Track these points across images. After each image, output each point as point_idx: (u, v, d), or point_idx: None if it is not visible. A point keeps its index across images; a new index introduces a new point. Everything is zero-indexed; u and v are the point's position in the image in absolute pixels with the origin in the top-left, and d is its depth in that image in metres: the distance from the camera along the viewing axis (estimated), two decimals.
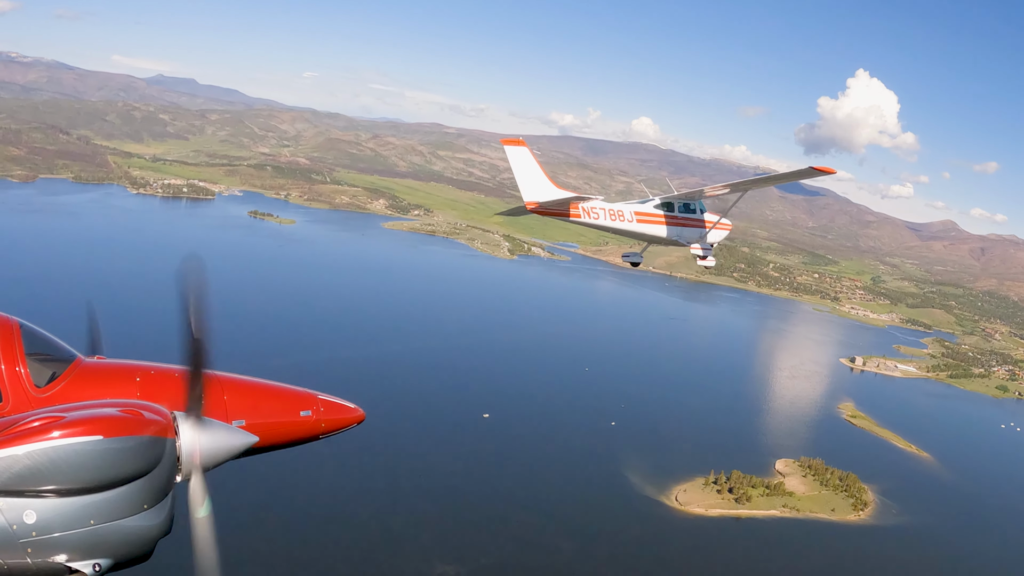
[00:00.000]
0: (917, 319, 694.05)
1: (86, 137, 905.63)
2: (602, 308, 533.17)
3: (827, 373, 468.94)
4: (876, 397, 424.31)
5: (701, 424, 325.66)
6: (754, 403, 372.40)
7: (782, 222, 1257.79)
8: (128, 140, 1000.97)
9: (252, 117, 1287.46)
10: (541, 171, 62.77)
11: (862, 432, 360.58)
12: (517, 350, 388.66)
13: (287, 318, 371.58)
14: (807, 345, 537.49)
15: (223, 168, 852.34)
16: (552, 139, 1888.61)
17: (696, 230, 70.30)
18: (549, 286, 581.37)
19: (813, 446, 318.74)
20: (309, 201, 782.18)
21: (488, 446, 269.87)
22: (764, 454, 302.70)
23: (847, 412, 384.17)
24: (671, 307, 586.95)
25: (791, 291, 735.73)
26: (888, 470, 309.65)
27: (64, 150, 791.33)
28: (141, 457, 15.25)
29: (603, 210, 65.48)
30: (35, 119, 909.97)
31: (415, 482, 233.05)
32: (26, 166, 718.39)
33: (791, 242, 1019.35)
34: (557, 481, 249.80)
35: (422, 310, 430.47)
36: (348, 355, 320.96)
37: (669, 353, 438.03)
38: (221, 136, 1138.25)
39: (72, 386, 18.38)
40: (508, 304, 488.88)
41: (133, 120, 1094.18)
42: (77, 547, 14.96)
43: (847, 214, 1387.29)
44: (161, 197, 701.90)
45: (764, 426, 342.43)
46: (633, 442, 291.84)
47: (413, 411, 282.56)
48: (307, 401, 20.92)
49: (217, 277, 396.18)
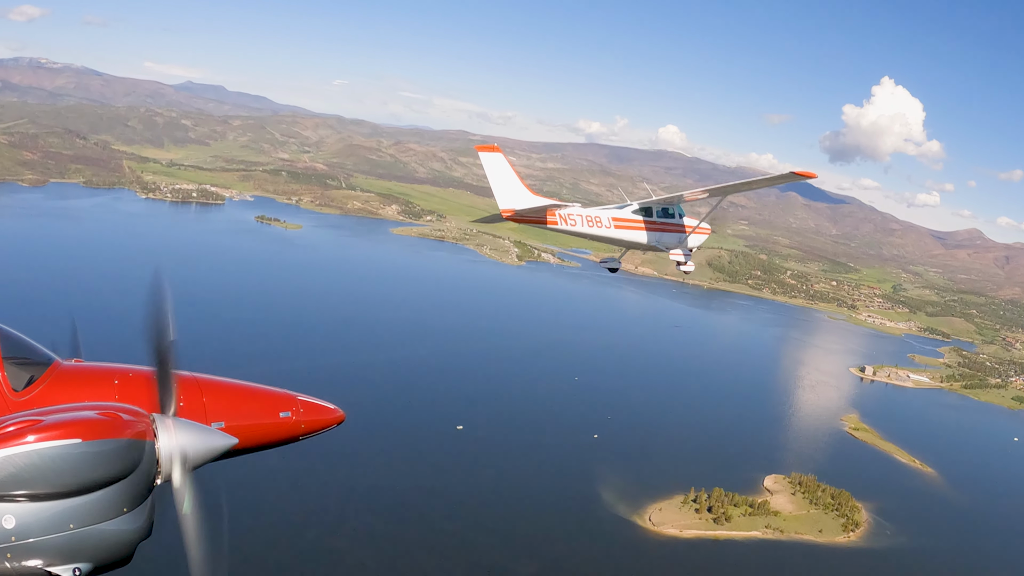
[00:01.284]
0: (936, 328, 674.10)
1: (106, 142, 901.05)
2: (605, 315, 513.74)
3: (834, 383, 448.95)
4: (883, 408, 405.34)
5: (690, 437, 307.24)
6: (750, 415, 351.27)
7: (805, 230, 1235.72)
8: (148, 145, 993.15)
9: (275, 123, 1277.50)
10: (517, 178, 60.91)
11: (863, 446, 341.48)
12: (506, 358, 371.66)
13: (273, 324, 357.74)
14: (816, 354, 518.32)
15: (238, 173, 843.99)
16: (577, 146, 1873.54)
17: (675, 235, 68.52)
18: (553, 292, 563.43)
19: (808, 461, 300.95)
20: (320, 206, 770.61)
21: (458, 460, 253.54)
22: (753, 470, 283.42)
23: (850, 424, 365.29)
24: (679, 315, 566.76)
25: (807, 299, 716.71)
26: (886, 487, 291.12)
27: (80, 154, 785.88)
28: (120, 460, 15.19)
29: (580, 216, 63.16)
30: (57, 124, 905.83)
31: (369, 498, 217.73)
32: (38, 170, 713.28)
33: (813, 250, 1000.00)
34: (524, 499, 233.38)
35: (411, 316, 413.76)
36: (327, 362, 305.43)
37: (668, 362, 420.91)
38: (242, 142, 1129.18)
39: (50, 389, 18.30)
40: (506, 310, 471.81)
41: (155, 125, 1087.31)
42: (56, 552, 14.87)
43: (871, 222, 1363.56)
44: (170, 202, 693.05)
45: (757, 439, 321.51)
46: (614, 457, 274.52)
47: (384, 421, 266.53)
48: (286, 402, 20.72)
49: (206, 280, 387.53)
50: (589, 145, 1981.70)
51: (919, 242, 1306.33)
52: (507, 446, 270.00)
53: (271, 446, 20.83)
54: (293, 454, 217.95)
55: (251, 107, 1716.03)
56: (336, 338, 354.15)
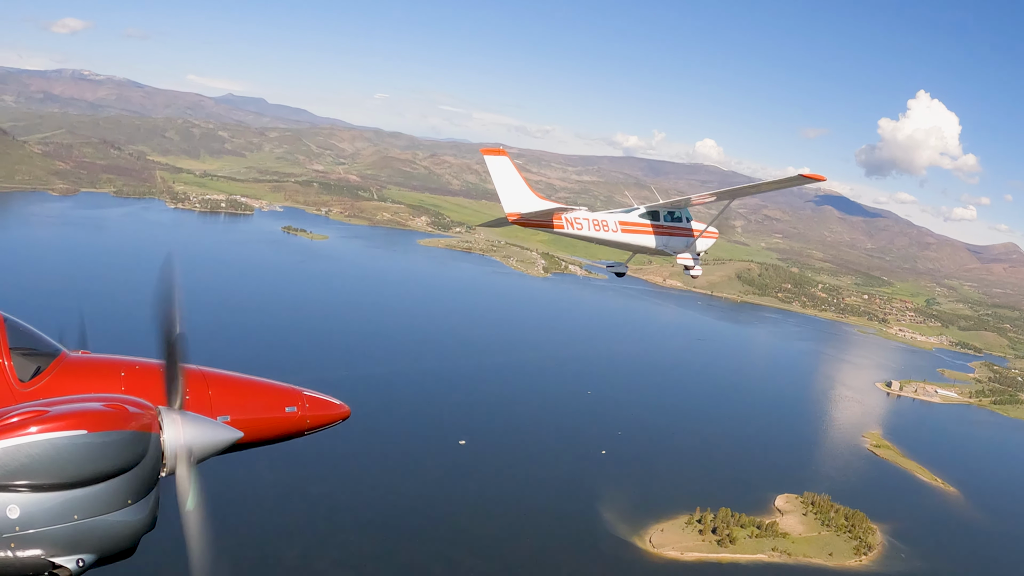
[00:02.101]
0: (968, 342, 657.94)
1: (142, 153, 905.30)
2: (627, 328, 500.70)
3: (858, 398, 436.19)
4: (908, 425, 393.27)
5: (702, 454, 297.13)
6: (767, 431, 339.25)
7: (840, 243, 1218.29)
8: (184, 156, 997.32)
9: (311, 135, 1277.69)
10: (523, 181, 59.56)
11: (884, 464, 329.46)
12: (519, 370, 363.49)
13: (281, 333, 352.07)
14: (842, 368, 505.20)
15: (270, 184, 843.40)
16: (614, 159, 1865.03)
17: (683, 239, 67.20)
18: (576, 305, 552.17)
19: (823, 479, 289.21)
20: (350, 217, 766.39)
21: (456, 476, 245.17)
22: (765, 488, 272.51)
23: (871, 441, 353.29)
24: (704, 328, 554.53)
25: (837, 312, 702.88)
26: (904, 507, 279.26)
27: (113, 165, 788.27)
28: (125, 452, 15.10)
29: (587, 220, 62.12)
30: (94, 135, 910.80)
31: (356, 515, 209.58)
32: (69, 180, 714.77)
33: (846, 263, 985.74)
34: (521, 518, 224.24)
35: (425, 327, 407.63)
36: (333, 375, 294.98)
37: (687, 376, 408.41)
38: (278, 153, 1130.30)
39: (56, 380, 18.27)
40: (524, 322, 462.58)
41: (192, 137, 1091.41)
42: (60, 542, 14.75)
43: (907, 236, 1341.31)
44: (199, 212, 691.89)
45: (772, 457, 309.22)
46: (620, 473, 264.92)
47: (384, 434, 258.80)
48: (292, 397, 20.71)
49: (218, 288, 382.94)
50: (626, 158, 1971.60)
51: (954, 256, 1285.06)
52: (510, 462, 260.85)
53: (276, 440, 20.61)
54: (280, 463, 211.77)
55: (290, 119, 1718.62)
56: (346, 349, 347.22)
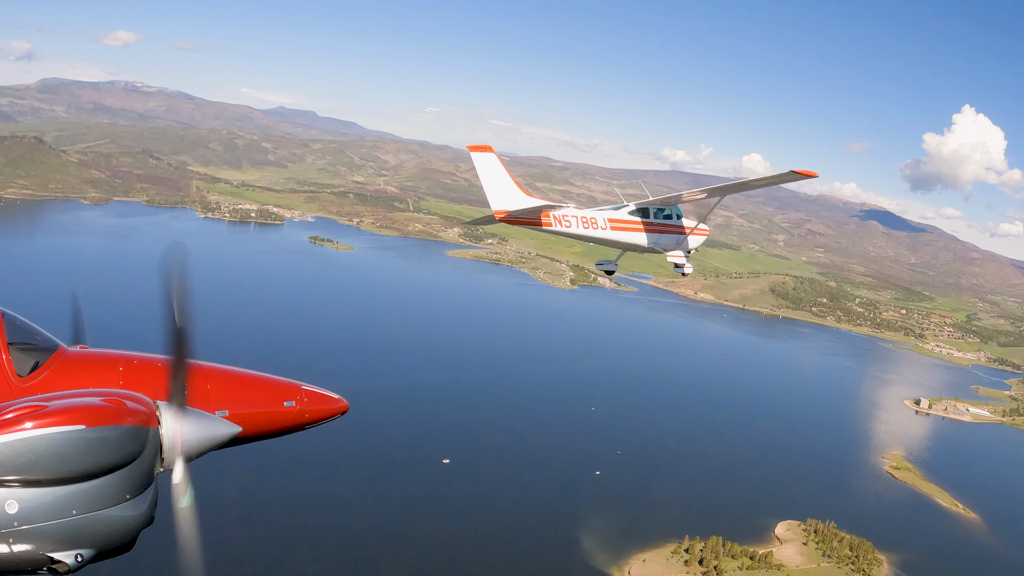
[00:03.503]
0: (1006, 358, 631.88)
1: (183, 163, 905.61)
2: (650, 342, 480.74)
3: (883, 416, 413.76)
4: (932, 445, 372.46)
5: (705, 476, 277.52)
6: (779, 451, 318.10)
7: (883, 258, 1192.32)
8: (226, 167, 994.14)
9: (355, 147, 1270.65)
10: (510, 178, 57.65)
11: (901, 487, 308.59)
12: (525, 385, 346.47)
13: (284, 344, 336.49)
14: (871, 384, 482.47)
15: (305, 195, 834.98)
16: (659, 173, 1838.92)
17: (673, 236, 65.47)
18: (598, 317, 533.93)
19: (832, 504, 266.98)
20: (381, 228, 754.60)
21: (437, 497, 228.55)
22: (766, 513, 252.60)
23: (891, 463, 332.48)
24: (732, 342, 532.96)
25: (873, 327, 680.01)
26: (917, 535, 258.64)
27: (151, 174, 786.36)
28: (124, 447, 14.99)
29: (575, 217, 60.60)
30: (137, 145, 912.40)
31: (319, 540, 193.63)
32: (103, 189, 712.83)
33: (888, 278, 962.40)
34: (497, 543, 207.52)
35: (433, 340, 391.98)
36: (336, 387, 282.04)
37: (702, 393, 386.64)
38: (320, 165, 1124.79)
39: (55, 375, 17.88)
40: (540, 336, 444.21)
41: (235, 148, 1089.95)
42: (59, 537, 14.69)
43: (951, 251, 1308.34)
44: (228, 221, 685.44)
45: (780, 479, 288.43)
46: (611, 496, 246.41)
47: (366, 450, 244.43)
48: (291, 391, 20.35)
49: (226, 296, 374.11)
50: (671, 172, 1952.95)
51: (999, 272, 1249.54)
52: (494, 484, 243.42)
53: (275, 435, 20.31)
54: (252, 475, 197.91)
55: (339, 132, 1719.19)
56: (343, 360, 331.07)
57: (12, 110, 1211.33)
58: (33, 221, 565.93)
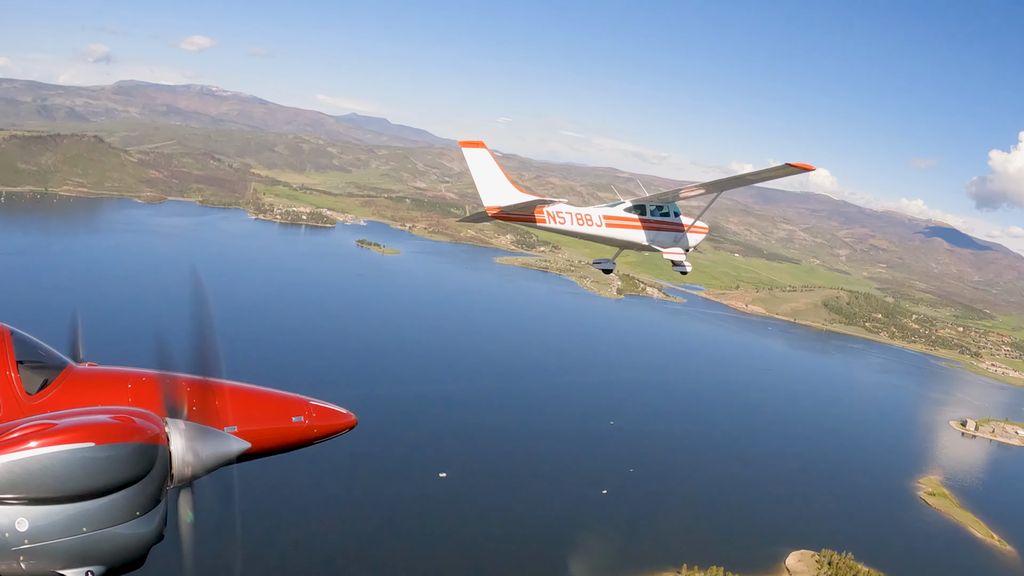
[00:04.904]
0: None
1: (247, 165, 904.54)
2: (688, 355, 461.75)
3: (926, 437, 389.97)
4: (974, 469, 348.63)
5: (719, 497, 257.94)
6: (804, 473, 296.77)
7: (945, 275, 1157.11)
8: (290, 170, 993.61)
9: (420, 154, 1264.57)
10: (503, 174, 55.90)
11: (933, 514, 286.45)
12: (543, 397, 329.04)
13: (302, 347, 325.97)
14: (916, 403, 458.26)
15: (362, 199, 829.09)
16: None
17: (671, 234, 63.11)
18: (639, 328, 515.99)
19: (854, 533, 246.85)
20: (433, 234, 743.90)
21: (432, 513, 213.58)
22: (779, 542, 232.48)
23: (926, 488, 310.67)
24: (775, 356, 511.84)
25: (927, 344, 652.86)
26: (943, 569, 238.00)
27: (210, 175, 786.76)
28: (133, 464, 14.87)
29: (569, 214, 58.51)
30: (204, 146, 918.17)
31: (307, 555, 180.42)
32: (159, 188, 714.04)
33: (948, 295, 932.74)
34: (482, 563, 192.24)
35: (459, 347, 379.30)
36: (349, 393, 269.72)
37: (734, 409, 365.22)
38: (383, 170, 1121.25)
39: (63, 393, 17.76)
40: (570, 345, 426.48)
41: (300, 152, 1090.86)
42: (69, 555, 14.55)
43: (1016, 269, 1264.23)
44: (279, 223, 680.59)
45: (801, 504, 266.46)
46: (615, 519, 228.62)
47: (366, 464, 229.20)
48: (299, 407, 20.17)
49: (258, 297, 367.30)
50: None
51: None
52: (494, 500, 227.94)
53: (284, 450, 20.15)
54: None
55: (408, 139, 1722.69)
56: (360, 365, 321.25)
57: (86, 110, 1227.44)
58: (78, 218, 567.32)
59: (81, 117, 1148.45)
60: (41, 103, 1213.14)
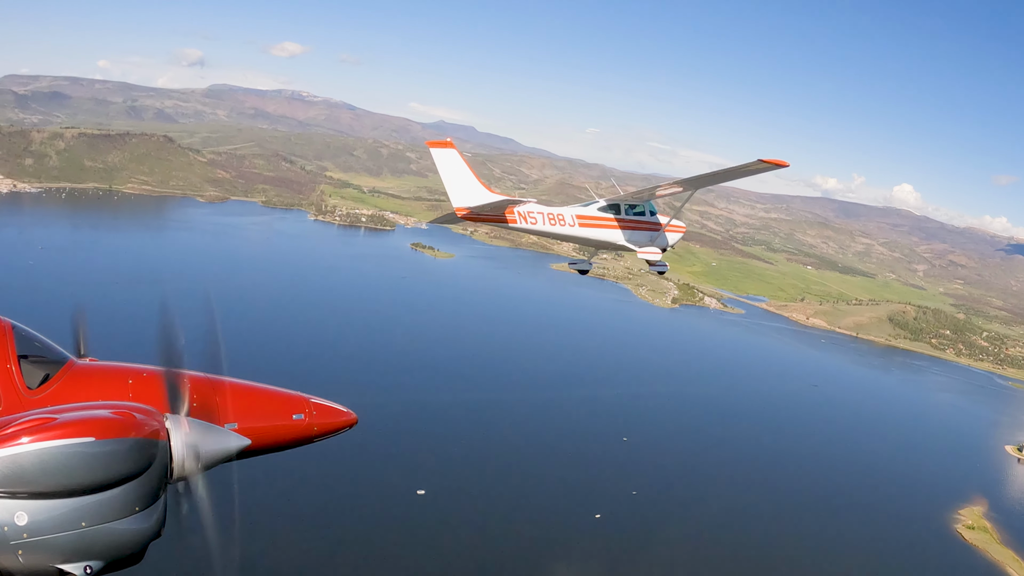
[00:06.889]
0: None
1: (323, 168, 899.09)
2: (735, 368, 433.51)
3: (976, 463, 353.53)
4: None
5: (726, 525, 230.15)
6: (831, 498, 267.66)
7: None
8: (365, 174, 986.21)
9: (500, 160, 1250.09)
10: (472, 174, 56.16)
11: (969, 551, 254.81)
12: (549, 409, 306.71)
13: (323, 348, 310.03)
14: (972, 425, 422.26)
15: (429, 203, 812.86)
16: (806, 199, 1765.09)
17: (646, 233, 62.35)
18: (690, 339, 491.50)
19: (875, 570, 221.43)
20: (494, 239, 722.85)
21: (406, 533, 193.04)
22: None
23: (967, 520, 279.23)
24: (829, 371, 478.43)
25: (995, 363, 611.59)
26: None
27: (280, 176, 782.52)
28: (133, 459, 14.92)
29: (541, 214, 58.13)
30: (283, 149, 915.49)
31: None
32: (224, 188, 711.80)
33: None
34: None
35: (483, 354, 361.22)
36: (356, 400, 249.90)
37: (767, 426, 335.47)
38: None
39: (64, 388, 18.01)
40: (603, 356, 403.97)
41: (378, 156, 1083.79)
42: (68, 549, 14.58)
43: None
44: (339, 225, 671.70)
45: (821, 535, 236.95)
46: (601, 547, 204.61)
47: (361, 485, 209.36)
48: (299, 404, 20.30)
49: (291, 295, 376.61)
50: (819, 199, 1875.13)
51: None
52: (476, 523, 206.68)
53: (284, 448, 20.14)
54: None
55: (494, 147, 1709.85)
56: (382, 367, 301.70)
57: (175, 112, 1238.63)
58: (131, 214, 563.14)
59: (169, 118, 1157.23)
60: (131, 104, 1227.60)
